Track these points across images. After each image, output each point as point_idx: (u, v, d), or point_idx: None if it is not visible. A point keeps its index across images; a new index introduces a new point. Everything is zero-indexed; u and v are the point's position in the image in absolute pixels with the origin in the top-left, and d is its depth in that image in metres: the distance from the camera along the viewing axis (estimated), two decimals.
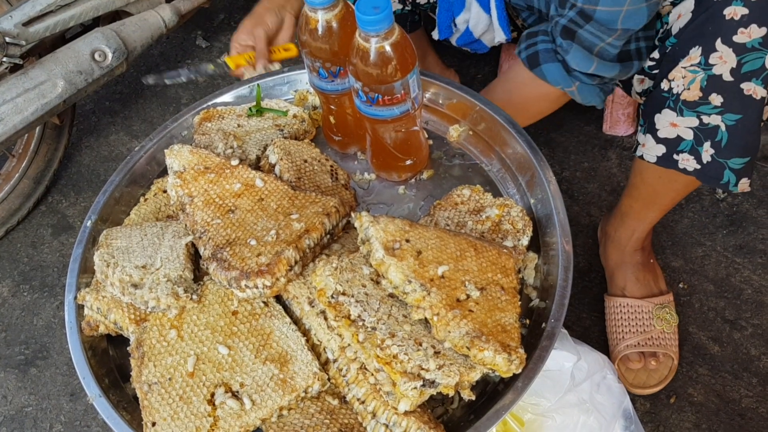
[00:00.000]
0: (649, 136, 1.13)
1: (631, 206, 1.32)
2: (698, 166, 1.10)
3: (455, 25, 1.37)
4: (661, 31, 1.16)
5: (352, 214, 0.94)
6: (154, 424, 0.86)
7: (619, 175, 1.64)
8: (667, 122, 1.09)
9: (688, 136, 1.08)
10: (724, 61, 1.00)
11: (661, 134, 1.11)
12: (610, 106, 1.65)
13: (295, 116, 1.19)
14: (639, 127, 1.18)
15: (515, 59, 1.64)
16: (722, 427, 1.31)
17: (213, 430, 0.85)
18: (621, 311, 1.37)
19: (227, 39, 2.09)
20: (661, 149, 1.12)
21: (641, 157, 1.16)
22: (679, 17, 1.09)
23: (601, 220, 1.51)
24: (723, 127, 1.05)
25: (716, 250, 1.51)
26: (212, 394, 0.87)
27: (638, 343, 1.33)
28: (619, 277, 1.40)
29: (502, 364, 0.82)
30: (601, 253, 1.46)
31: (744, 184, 1.09)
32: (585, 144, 1.70)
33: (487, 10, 1.30)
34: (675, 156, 1.11)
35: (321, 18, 0.97)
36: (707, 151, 1.08)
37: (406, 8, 1.45)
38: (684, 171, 1.11)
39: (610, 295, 1.41)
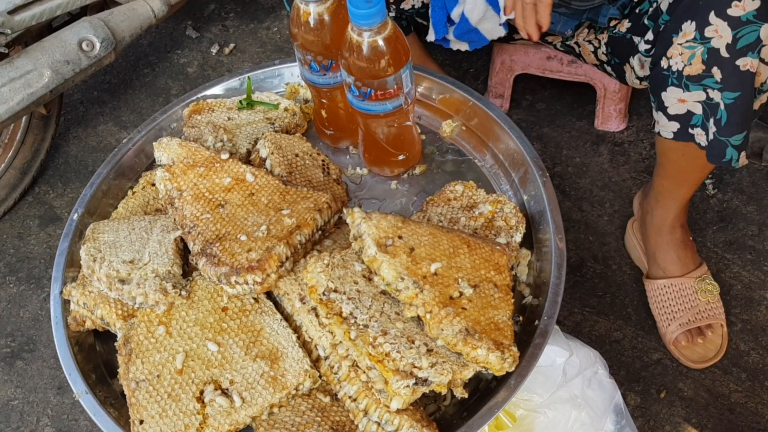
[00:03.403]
0: (660, 113, 1.13)
1: (662, 185, 1.32)
2: (706, 143, 1.10)
3: (450, 22, 1.35)
4: (651, 9, 1.16)
5: (344, 210, 0.94)
6: (141, 421, 0.85)
7: (611, 171, 1.64)
8: (675, 99, 1.09)
9: (698, 110, 1.08)
10: (720, 35, 1.00)
11: (671, 111, 1.11)
12: (601, 102, 1.64)
13: (286, 109, 1.18)
14: (652, 105, 1.17)
15: (507, 54, 1.63)
16: (712, 422, 1.32)
17: (202, 428, 0.84)
18: (665, 292, 1.38)
19: (217, 29, 2.06)
20: (675, 125, 1.12)
21: (659, 134, 1.16)
22: None
23: (635, 197, 1.49)
24: (722, 106, 1.05)
25: (706, 246, 1.51)
26: (201, 392, 0.86)
27: (689, 321, 1.35)
28: (660, 258, 1.39)
29: (495, 362, 0.81)
30: (642, 232, 1.45)
31: (743, 158, 1.10)
32: (577, 139, 1.69)
33: None
34: (691, 130, 1.11)
35: (313, 11, 0.96)
36: (711, 129, 1.08)
37: (390, 14, 1.43)
38: (699, 145, 1.11)
39: (650, 279, 1.41)
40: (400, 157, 1.10)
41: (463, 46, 1.40)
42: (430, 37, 1.37)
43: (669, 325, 1.37)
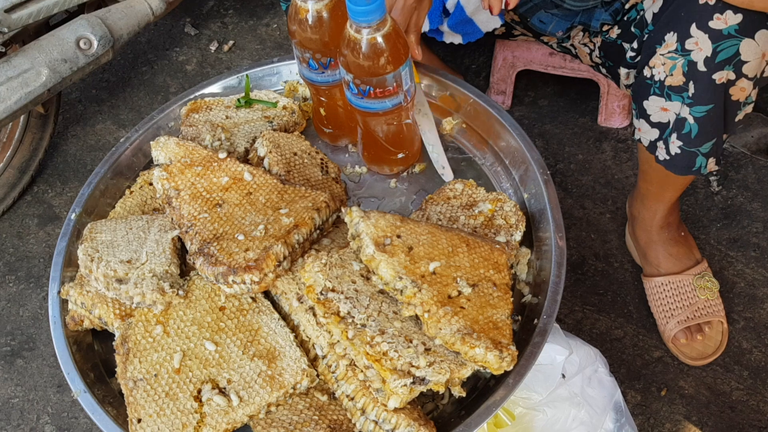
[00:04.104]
0: (642, 120, 1.14)
1: (647, 189, 1.32)
2: (667, 157, 1.11)
3: (446, 13, 1.34)
4: (638, 18, 1.17)
5: (343, 209, 0.93)
6: (139, 420, 0.85)
7: (614, 168, 1.63)
8: (658, 107, 1.10)
9: (673, 122, 1.09)
10: (699, 48, 1.00)
11: (653, 119, 1.12)
12: (605, 98, 1.64)
13: (284, 108, 1.17)
14: (633, 112, 1.18)
15: (509, 50, 1.62)
16: (712, 420, 1.31)
17: (200, 426, 0.84)
18: (662, 290, 1.38)
19: (216, 26, 2.06)
20: (656, 133, 1.13)
21: (640, 141, 1.16)
22: (654, 2, 1.09)
23: (627, 200, 1.50)
24: (691, 120, 1.05)
25: (710, 244, 1.50)
26: (199, 391, 0.86)
27: (687, 318, 1.35)
28: (651, 256, 1.40)
29: (494, 361, 0.81)
30: (630, 233, 1.46)
31: (711, 163, 1.11)
32: (579, 136, 1.69)
33: None
34: (657, 142, 1.12)
35: (311, 8, 0.95)
36: (674, 143, 1.09)
37: None
38: (656, 159, 1.12)
39: (646, 276, 1.41)
40: (400, 156, 1.09)
41: (457, 39, 1.39)
42: (424, 27, 1.37)
43: (667, 323, 1.36)
